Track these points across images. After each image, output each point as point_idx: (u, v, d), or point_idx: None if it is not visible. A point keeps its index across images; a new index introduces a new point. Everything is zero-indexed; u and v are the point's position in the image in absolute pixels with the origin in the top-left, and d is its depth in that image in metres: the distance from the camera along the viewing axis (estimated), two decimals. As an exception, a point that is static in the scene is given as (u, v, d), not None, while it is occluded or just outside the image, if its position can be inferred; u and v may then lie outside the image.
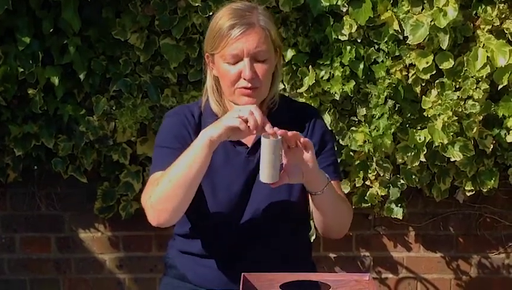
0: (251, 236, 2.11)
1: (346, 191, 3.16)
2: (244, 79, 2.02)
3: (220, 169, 2.10)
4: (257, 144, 2.11)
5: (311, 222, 2.30)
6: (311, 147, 1.94)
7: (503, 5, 2.98)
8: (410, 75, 3.08)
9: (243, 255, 2.11)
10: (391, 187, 3.21)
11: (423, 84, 3.09)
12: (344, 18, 3.03)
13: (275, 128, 1.88)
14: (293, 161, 1.94)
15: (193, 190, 1.96)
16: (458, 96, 3.01)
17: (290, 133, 1.90)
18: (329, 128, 3.11)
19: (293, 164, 1.95)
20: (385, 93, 3.03)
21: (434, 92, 3.06)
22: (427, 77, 3.04)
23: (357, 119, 3.16)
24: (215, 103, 2.13)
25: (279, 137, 1.88)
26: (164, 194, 1.96)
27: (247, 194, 2.10)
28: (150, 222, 2.03)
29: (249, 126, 1.89)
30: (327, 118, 3.09)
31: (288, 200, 2.12)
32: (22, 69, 3.03)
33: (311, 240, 3.02)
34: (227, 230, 2.10)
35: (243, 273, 1.84)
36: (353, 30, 3.02)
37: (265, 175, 1.91)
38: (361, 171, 3.18)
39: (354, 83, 3.06)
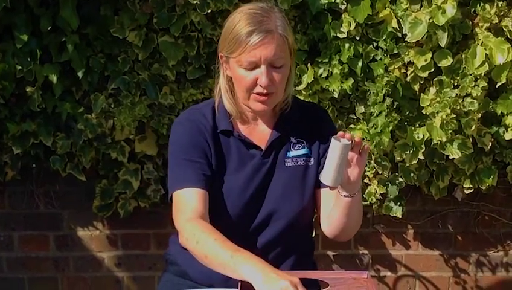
0: (261, 236, 2.12)
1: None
2: (261, 86, 2.01)
3: (234, 172, 2.11)
4: (271, 146, 2.12)
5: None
6: (367, 151, 1.97)
7: (501, 2, 2.98)
8: (408, 72, 3.08)
9: (259, 254, 2.11)
10: (389, 185, 3.21)
11: (421, 82, 3.08)
12: (342, 16, 3.03)
13: (347, 134, 1.88)
14: (354, 165, 1.95)
15: None
16: (456, 94, 3.01)
17: (357, 138, 1.91)
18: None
19: (350, 168, 1.96)
20: (383, 91, 3.03)
21: (432, 89, 3.06)
22: (426, 74, 3.04)
23: (355, 117, 3.16)
24: (228, 102, 2.11)
25: (350, 141, 1.87)
26: (202, 260, 1.96)
27: (262, 197, 2.11)
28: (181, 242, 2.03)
29: None
30: (326, 116, 3.09)
31: (301, 203, 2.13)
32: (20, 67, 3.02)
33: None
34: (239, 231, 2.08)
35: (241, 271, 1.84)
36: (352, 28, 3.01)
37: (329, 178, 1.89)
38: (359, 169, 3.17)
39: (353, 80, 3.06)
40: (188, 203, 2.03)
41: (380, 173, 3.19)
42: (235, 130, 2.12)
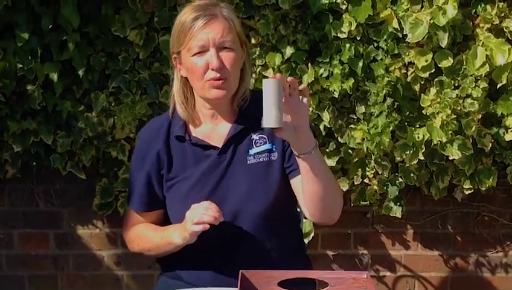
0: (236, 236, 2.11)
1: (344, 189, 3.16)
2: (212, 70, 2.02)
3: (190, 175, 2.12)
4: (229, 143, 2.11)
5: (302, 215, 2.30)
6: (307, 94, 1.90)
7: (502, 3, 2.98)
8: (409, 73, 3.08)
9: (232, 254, 2.12)
10: (389, 185, 3.21)
11: (422, 83, 3.08)
12: (343, 16, 3.03)
13: (277, 75, 1.84)
14: (290, 109, 1.86)
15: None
16: (457, 95, 3.01)
17: (289, 78, 1.88)
18: (328, 126, 3.11)
19: (288, 113, 1.87)
20: (384, 91, 3.02)
21: (433, 90, 3.05)
22: (426, 75, 3.04)
23: (355, 117, 3.15)
24: (180, 106, 2.13)
25: (281, 78, 1.83)
26: (150, 254, 2.23)
27: (221, 194, 2.09)
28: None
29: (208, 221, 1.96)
30: (326, 116, 3.09)
31: (266, 200, 2.10)
32: (20, 65, 3.02)
33: (309, 238, 3.03)
34: (211, 231, 2.08)
35: (240, 271, 1.84)
36: (352, 28, 3.01)
37: (270, 119, 1.82)
38: (359, 169, 3.17)
39: (353, 80, 3.05)
40: (132, 217, 2.24)
41: (380, 173, 3.18)
42: (187, 134, 2.13)
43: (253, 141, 2.12)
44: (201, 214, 1.95)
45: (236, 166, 2.11)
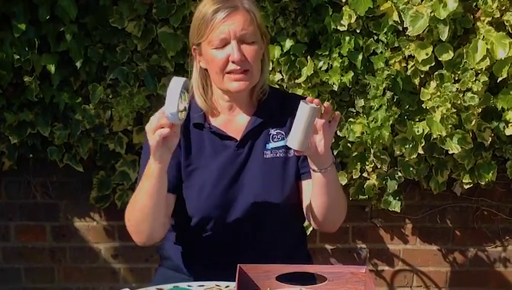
0: (244, 228, 2.11)
1: (343, 183, 3.15)
2: (233, 62, 2.01)
3: (208, 164, 2.10)
4: (247, 136, 2.11)
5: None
6: (338, 120, 1.94)
7: (503, -4, 2.97)
8: (409, 66, 3.06)
9: (237, 247, 2.11)
10: (388, 179, 3.20)
11: (422, 76, 3.07)
12: (343, 8, 3.01)
13: (315, 100, 1.86)
14: (318, 132, 1.92)
15: (160, 210, 1.98)
16: (457, 89, 3.00)
17: (326, 104, 1.90)
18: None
19: (315, 134, 1.92)
20: (384, 85, 3.01)
21: (433, 83, 3.04)
22: (426, 68, 3.03)
23: (355, 111, 3.14)
24: (199, 97, 2.12)
25: (318, 106, 1.86)
26: (137, 221, 2.00)
27: (237, 188, 2.09)
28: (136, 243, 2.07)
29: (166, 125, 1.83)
30: (325, 109, 3.08)
31: (281, 195, 2.11)
32: (17, 57, 3.00)
33: (308, 232, 3.01)
34: (221, 224, 2.10)
35: (238, 265, 1.83)
36: (352, 21, 3.00)
37: (296, 141, 1.87)
38: (358, 163, 3.16)
39: (353, 74, 3.04)
40: None
41: (379, 167, 3.17)
42: (206, 122, 2.11)
43: (271, 135, 2.12)
44: (157, 119, 1.83)
45: (254, 160, 2.11)
